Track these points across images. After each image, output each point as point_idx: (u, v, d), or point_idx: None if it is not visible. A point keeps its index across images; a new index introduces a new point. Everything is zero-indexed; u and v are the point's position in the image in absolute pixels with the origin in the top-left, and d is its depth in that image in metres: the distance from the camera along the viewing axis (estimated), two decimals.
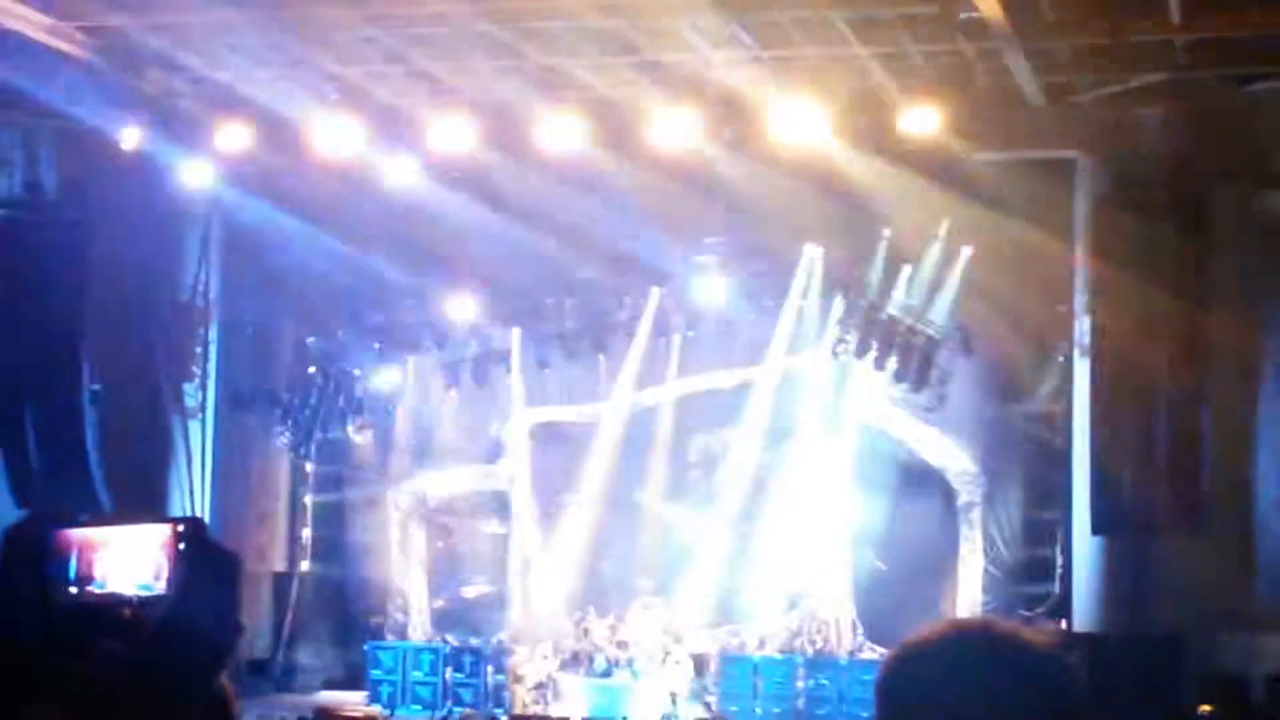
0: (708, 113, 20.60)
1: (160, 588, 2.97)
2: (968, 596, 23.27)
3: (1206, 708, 18.26)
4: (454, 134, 21.33)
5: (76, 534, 3.09)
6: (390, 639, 24.72)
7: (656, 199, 21.95)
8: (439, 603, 25.61)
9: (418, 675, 23.68)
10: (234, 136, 21.88)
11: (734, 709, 22.12)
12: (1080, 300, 21.34)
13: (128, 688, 2.80)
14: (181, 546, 2.97)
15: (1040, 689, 2.53)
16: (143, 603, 2.99)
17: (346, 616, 25.70)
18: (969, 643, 2.56)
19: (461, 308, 24.95)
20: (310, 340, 25.80)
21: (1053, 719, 2.53)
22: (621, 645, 23.36)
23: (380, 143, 21.74)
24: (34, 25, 19.77)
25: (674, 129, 20.67)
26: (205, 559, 2.95)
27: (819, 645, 23.56)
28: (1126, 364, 20.24)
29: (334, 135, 21.41)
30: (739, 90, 20.11)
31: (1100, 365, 20.76)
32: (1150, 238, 19.98)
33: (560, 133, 21.01)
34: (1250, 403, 20.38)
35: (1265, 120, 20.55)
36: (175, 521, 3.03)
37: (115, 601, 3.00)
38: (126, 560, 3.02)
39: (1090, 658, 18.64)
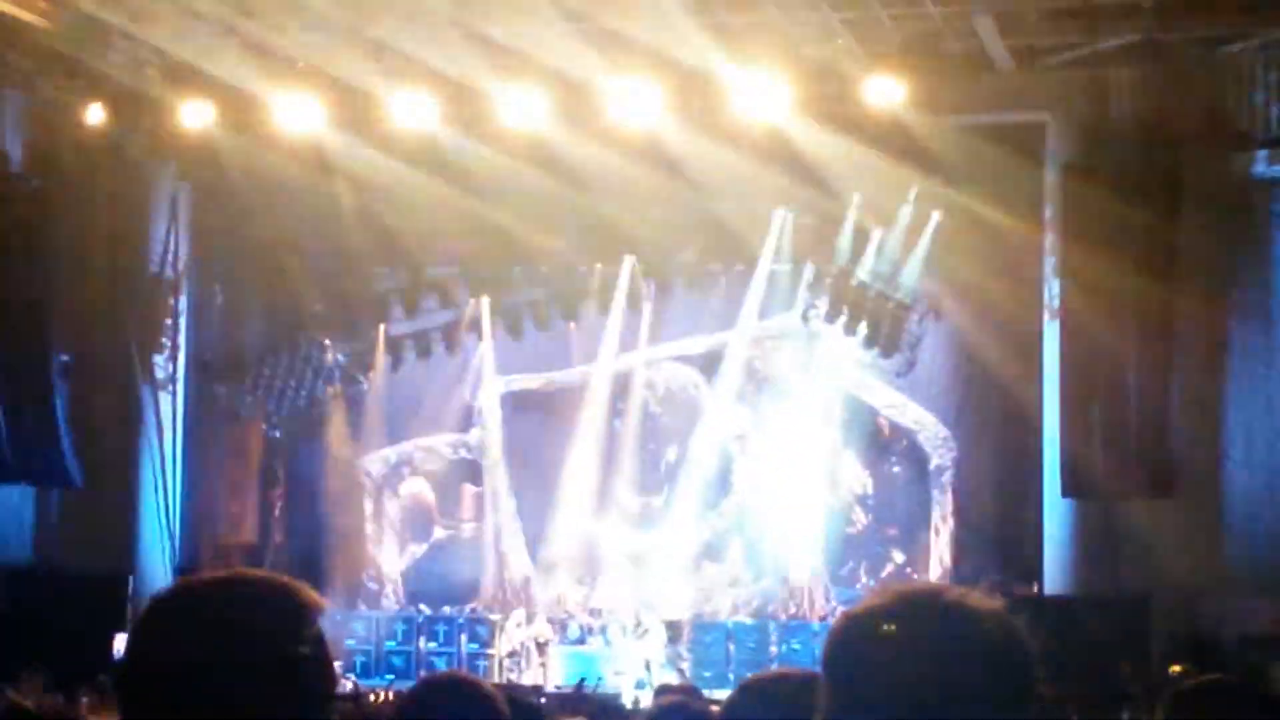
0: (672, 83, 20.44)
1: None
2: (940, 560, 23.36)
3: (1177, 668, 18.31)
4: (416, 108, 21.19)
5: None
6: (363, 608, 24.72)
7: (625, 168, 21.85)
8: (412, 571, 25.58)
9: (391, 645, 23.71)
10: (199, 109, 21.72)
11: (707, 674, 22.14)
12: (1050, 265, 21.33)
13: None
14: None
15: (987, 656, 2.51)
16: None
17: (319, 587, 25.62)
18: (915, 610, 2.54)
19: (431, 276, 24.90)
20: (281, 310, 25.68)
21: (1000, 685, 2.52)
22: (594, 613, 23.38)
23: (343, 116, 21.59)
24: None
25: (638, 100, 20.53)
26: None
27: (792, 610, 23.62)
28: (1095, 329, 20.23)
29: (297, 109, 21.30)
30: (706, 59, 19.95)
31: (1069, 329, 20.77)
32: (1119, 202, 19.93)
33: (523, 106, 20.87)
34: (1219, 366, 20.42)
35: (1238, 82, 20.51)
36: None
37: None
38: None
39: (1061, 620, 18.72)
